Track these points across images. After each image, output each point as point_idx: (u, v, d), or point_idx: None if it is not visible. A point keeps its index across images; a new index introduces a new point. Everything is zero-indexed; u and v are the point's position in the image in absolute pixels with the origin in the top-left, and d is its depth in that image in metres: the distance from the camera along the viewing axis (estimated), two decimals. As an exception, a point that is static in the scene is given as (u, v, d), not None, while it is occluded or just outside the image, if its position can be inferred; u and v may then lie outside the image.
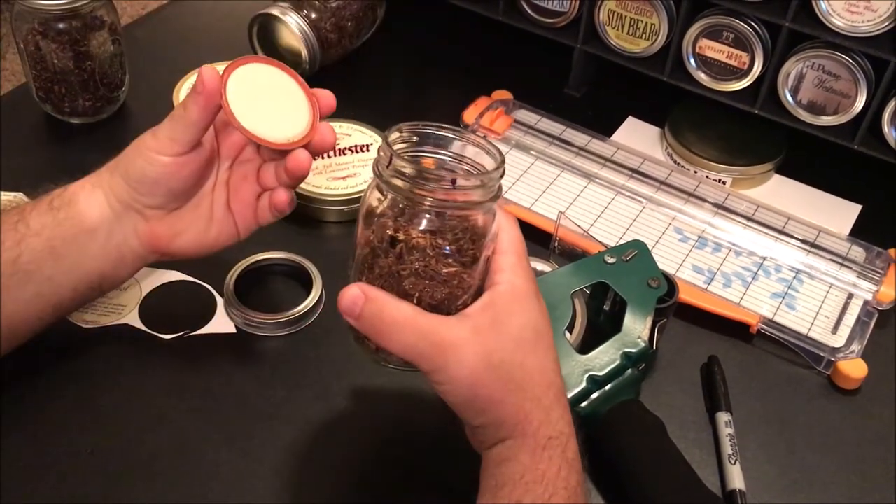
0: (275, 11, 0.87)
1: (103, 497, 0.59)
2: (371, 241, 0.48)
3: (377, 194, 0.48)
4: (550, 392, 0.47)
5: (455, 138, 0.50)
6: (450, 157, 0.50)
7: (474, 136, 0.51)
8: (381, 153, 0.47)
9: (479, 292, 0.49)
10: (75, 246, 0.58)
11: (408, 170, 0.46)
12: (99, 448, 0.61)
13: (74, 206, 0.58)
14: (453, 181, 0.46)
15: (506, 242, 0.49)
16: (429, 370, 0.46)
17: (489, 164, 0.49)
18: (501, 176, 0.48)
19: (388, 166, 0.46)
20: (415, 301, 0.47)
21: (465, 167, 0.50)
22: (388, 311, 0.46)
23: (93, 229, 0.58)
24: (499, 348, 0.46)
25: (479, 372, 0.45)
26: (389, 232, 0.47)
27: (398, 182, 0.46)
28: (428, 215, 0.47)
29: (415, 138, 0.50)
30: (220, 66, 0.56)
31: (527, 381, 0.47)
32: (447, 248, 0.47)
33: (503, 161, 0.48)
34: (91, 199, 0.58)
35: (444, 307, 0.47)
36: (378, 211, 0.48)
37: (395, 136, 0.49)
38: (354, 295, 0.46)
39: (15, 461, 0.60)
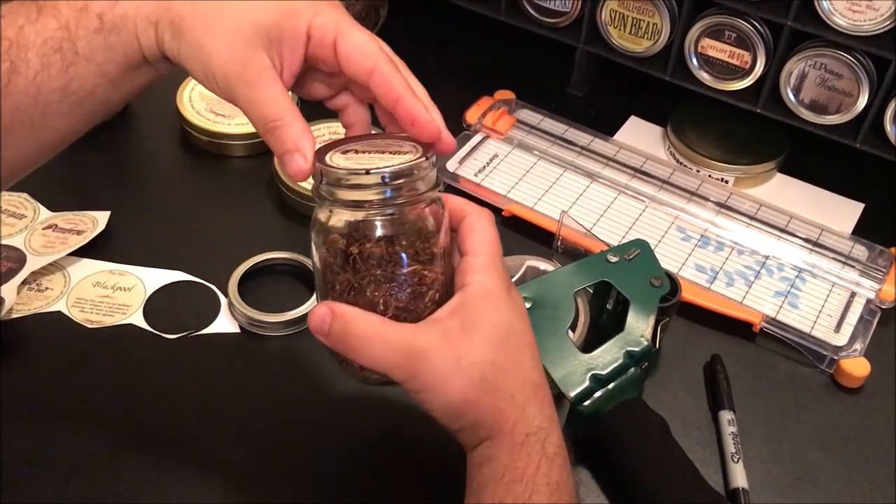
0: (278, 12, 0.87)
1: (106, 496, 0.59)
2: (326, 258, 0.48)
3: (324, 212, 0.48)
4: (525, 388, 0.47)
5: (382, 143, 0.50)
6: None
7: (400, 135, 0.50)
8: (314, 174, 0.47)
9: (448, 283, 0.48)
10: (131, 72, 0.49)
11: (341, 177, 0.45)
12: (102, 447, 0.62)
13: (132, 32, 0.48)
14: (380, 178, 0.45)
15: (478, 243, 0.48)
16: (402, 380, 0.46)
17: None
18: (434, 165, 0.47)
19: (322, 182, 0.46)
20: (381, 308, 0.47)
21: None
22: (355, 325, 0.46)
23: (152, 60, 0.49)
24: (469, 350, 0.46)
25: (450, 376, 0.45)
26: (340, 247, 0.47)
27: (337, 193, 0.46)
28: (379, 220, 0.46)
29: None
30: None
31: (499, 379, 0.46)
32: (403, 254, 0.47)
33: (427, 150, 0.48)
34: (150, 34, 0.48)
35: (413, 307, 0.47)
36: (326, 227, 0.47)
37: (329, 154, 0.48)
38: (322, 313, 0.46)
39: (17, 461, 0.60)
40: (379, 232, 0.46)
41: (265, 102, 0.46)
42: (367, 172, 0.45)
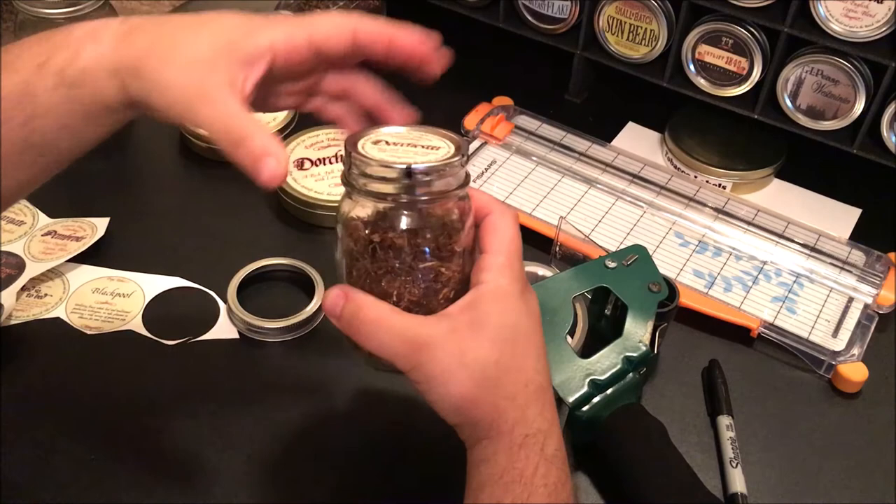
0: (276, 19, 0.87)
1: (106, 501, 0.59)
2: (348, 244, 0.48)
3: (349, 200, 0.48)
4: (528, 390, 0.47)
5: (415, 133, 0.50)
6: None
7: (432, 129, 0.50)
8: (345, 159, 0.47)
9: (466, 280, 0.49)
10: (94, 122, 0.49)
11: (372, 168, 0.46)
12: (101, 453, 0.62)
13: (93, 85, 0.48)
14: (409, 173, 0.45)
15: (497, 242, 0.49)
16: (405, 369, 0.47)
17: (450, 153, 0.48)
18: (465, 163, 0.47)
19: (351, 170, 0.47)
20: (394, 299, 0.47)
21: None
22: (365, 310, 0.47)
23: (116, 108, 0.49)
24: (473, 347, 0.46)
25: (451, 370, 0.46)
26: (362, 234, 0.47)
27: (365, 183, 0.46)
28: (406, 213, 0.46)
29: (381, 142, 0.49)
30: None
31: (501, 379, 0.47)
32: (426, 248, 0.47)
33: (459, 147, 0.48)
34: (112, 83, 0.48)
35: (426, 303, 0.48)
36: (351, 215, 0.48)
37: (361, 142, 0.48)
38: (336, 296, 0.48)
39: (16, 467, 0.60)
40: (403, 224, 0.47)
41: (226, 117, 0.46)
42: (399, 167, 0.45)
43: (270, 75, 0.48)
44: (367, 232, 0.47)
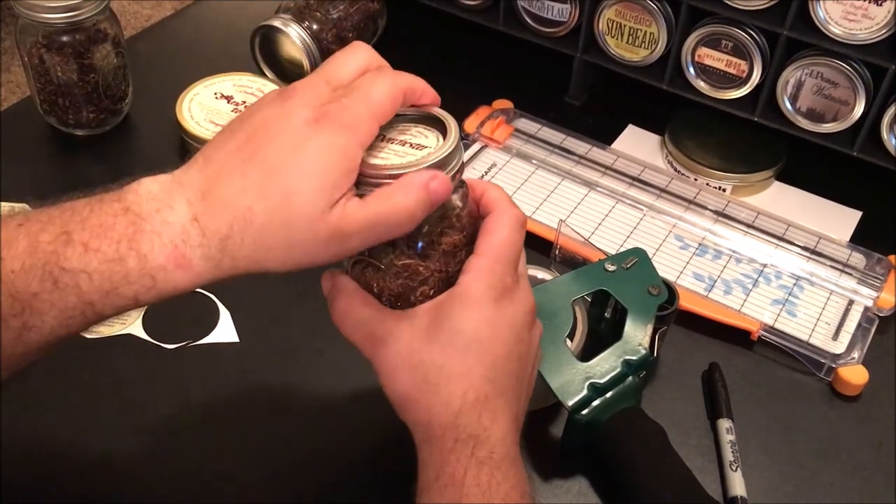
0: (277, 23, 0.87)
1: (104, 502, 0.59)
2: None
3: None
4: (465, 397, 0.46)
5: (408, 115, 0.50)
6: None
7: (436, 114, 0.49)
8: None
9: (448, 278, 0.49)
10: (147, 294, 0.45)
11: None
12: (102, 457, 0.62)
13: (164, 284, 0.44)
14: (390, 177, 0.45)
15: (486, 244, 0.48)
16: (367, 357, 0.49)
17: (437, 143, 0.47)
18: (449, 162, 0.46)
19: None
20: (375, 291, 0.49)
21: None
22: (339, 298, 0.49)
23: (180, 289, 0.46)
24: (423, 349, 0.47)
25: (398, 368, 0.47)
26: None
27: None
28: None
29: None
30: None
31: (441, 384, 0.46)
32: (420, 242, 0.48)
33: (446, 143, 0.46)
34: (191, 277, 0.45)
35: (405, 298, 0.49)
36: None
37: None
38: (325, 279, 0.51)
39: (17, 470, 0.60)
40: None
41: (374, 224, 0.44)
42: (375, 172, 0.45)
43: None
44: None
